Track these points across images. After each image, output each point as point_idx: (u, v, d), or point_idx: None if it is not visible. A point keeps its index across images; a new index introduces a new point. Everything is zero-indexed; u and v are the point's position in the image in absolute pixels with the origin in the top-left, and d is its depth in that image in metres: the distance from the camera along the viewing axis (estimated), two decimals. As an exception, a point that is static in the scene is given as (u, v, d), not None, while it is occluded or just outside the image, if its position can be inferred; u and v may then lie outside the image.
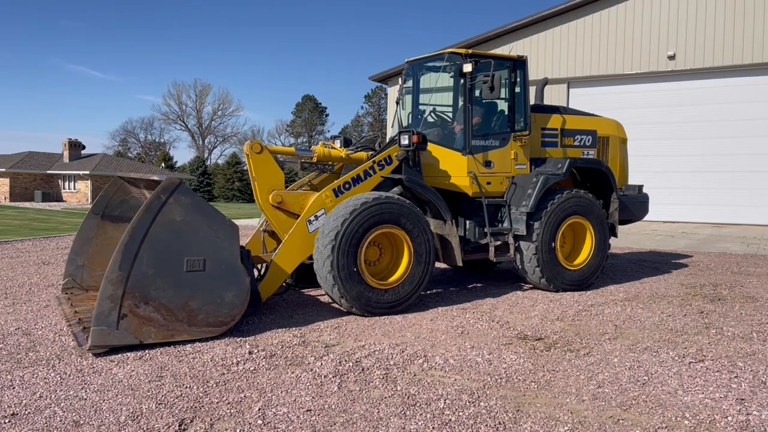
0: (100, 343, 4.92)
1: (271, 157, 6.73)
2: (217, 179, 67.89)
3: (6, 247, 12.61)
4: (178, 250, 5.19)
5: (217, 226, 5.40)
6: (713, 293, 7.77)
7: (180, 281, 5.20)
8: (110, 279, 4.92)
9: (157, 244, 5.08)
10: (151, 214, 5.06)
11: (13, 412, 3.84)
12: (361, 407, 4.01)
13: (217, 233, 5.39)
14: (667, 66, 19.30)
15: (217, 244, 5.38)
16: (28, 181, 49.46)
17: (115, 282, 4.92)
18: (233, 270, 5.45)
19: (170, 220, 5.15)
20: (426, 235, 6.74)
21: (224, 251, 5.42)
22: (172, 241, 5.16)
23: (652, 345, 5.43)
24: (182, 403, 4.02)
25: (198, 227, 5.29)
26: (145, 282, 5.04)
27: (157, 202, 5.09)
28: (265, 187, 6.65)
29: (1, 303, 6.98)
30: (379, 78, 23.98)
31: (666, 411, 3.96)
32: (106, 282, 4.91)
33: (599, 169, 8.34)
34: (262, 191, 6.64)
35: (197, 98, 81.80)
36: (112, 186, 7.07)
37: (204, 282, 5.30)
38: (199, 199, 5.41)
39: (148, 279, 5.05)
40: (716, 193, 18.80)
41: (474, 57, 7.35)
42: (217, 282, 5.36)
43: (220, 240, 5.40)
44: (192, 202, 5.29)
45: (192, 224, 5.25)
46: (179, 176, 57.70)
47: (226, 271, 5.41)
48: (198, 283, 5.27)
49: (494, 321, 6.28)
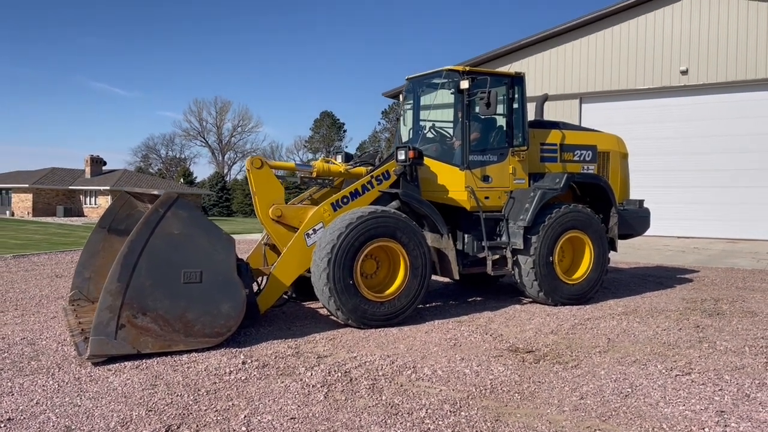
0: (99, 353, 5.08)
1: (271, 172, 6.90)
2: (236, 194, 68.64)
3: (23, 261, 12.95)
4: (175, 262, 5.36)
5: (214, 239, 5.57)
6: (713, 308, 7.75)
7: (177, 293, 5.36)
8: (109, 290, 5.09)
9: (155, 257, 5.25)
10: (150, 227, 5.24)
11: (9, 417, 4.01)
12: (344, 416, 4.11)
13: (214, 246, 5.55)
14: (680, 81, 19.26)
15: (213, 256, 5.54)
16: (51, 197, 50.49)
17: (113, 293, 5.10)
18: (229, 282, 5.60)
19: (168, 233, 5.32)
20: (422, 248, 6.84)
21: (221, 264, 5.57)
22: (169, 253, 5.33)
23: (642, 358, 5.47)
24: (171, 410, 4.16)
25: (195, 240, 5.45)
26: (143, 293, 5.20)
27: (156, 215, 5.27)
28: (266, 202, 6.82)
29: (11, 314, 7.22)
30: (391, 94, 24.22)
31: (644, 422, 4.01)
32: (105, 293, 5.09)
33: (598, 183, 8.40)
34: (263, 205, 6.81)
35: (217, 115, 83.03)
36: (119, 200, 7.30)
37: (201, 294, 5.45)
38: (196, 212, 5.59)
39: (146, 290, 5.22)
40: (731, 208, 18.62)
41: (471, 74, 7.49)
42: (214, 294, 5.51)
43: (217, 253, 5.56)
44: (189, 215, 5.47)
45: (189, 237, 5.42)
46: (199, 191, 58.49)
47: (222, 283, 5.56)
48: (195, 295, 5.43)
49: (488, 334, 6.35)
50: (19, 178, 51.55)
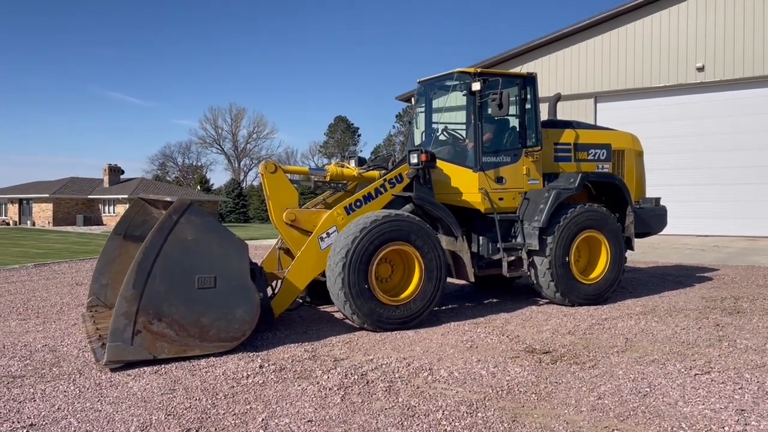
0: (116, 358, 5.15)
1: (285, 177, 6.95)
2: (252, 201, 69.03)
3: (44, 269, 13.15)
4: (189, 267, 5.41)
5: (227, 245, 5.61)
6: (733, 306, 7.66)
7: (192, 298, 5.41)
8: (125, 296, 5.16)
9: (169, 263, 5.31)
10: (164, 234, 5.29)
11: (31, 423, 4.08)
12: (360, 418, 4.13)
13: (227, 251, 5.60)
14: (696, 78, 19.07)
15: (227, 261, 5.58)
16: (70, 206, 51.16)
17: (129, 299, 5.16)
18: (243, 287, 5.65)
19: (182, 239, 5.38)
20: (437, 251, 6.84)
21: (234, 269, 5.62)
22: (183, 259, 5.38)
23: (660, 357, 5.42)
24: (190, 414, 4.20)
25: (209, 246, 5.50)
26: (158, 299, 5.26)
27: (169, 221, 5.32)
28: (279, 206, 6.87)
29: (32, 321, 7.33)
30: (404, 98, 24.26)
31: (663, 422, 3.98)
32: (121, 299, 5.16)
33: (613, 182, 8.34)
34: (276, 209, 6.86)
35: (233, 122, 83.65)
36: (134, 207, 7.38)
37: (215, 299, 5.50)
38: (209, 218, 5.64)
39: (161, 296, 5.27)
40: (752, 206, 18.36)
41: (482, 75, 7.49)
42: (228, 298, 5.55)
43: (231, 258, 5.61)
44: (203, 221, 5.52)
45: (203, 243, 5.47)
46: (216, 198, 58.91)
47: (236, 287, 5.60)
48: (209, 300, 5.47)
49: (504, 335, 6.33)
50: (39, 188, 52.35)
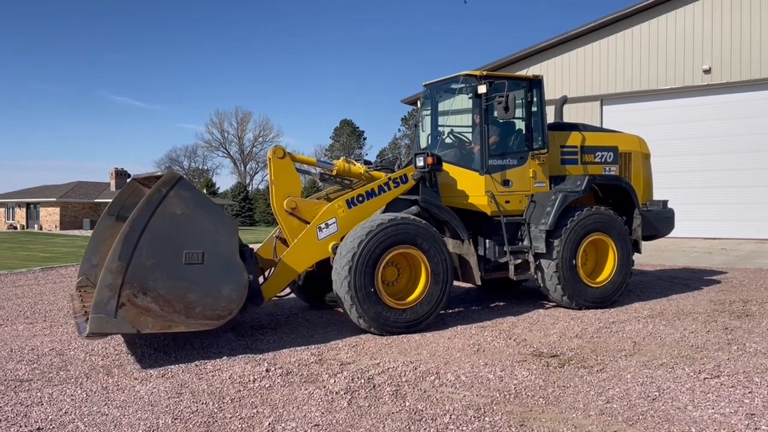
0: (98, 331, 5.03)
1: (292, 164, 6.96)
2: (258, 204, 69.18)
3: (51, 273, 13.19)
4: (177, 242, 5.31)
5: (216, 221, 5.52)
6: (742, 309, 7.61)
7: (178, 273, 5.30)
8: (110, 268, 5.04)
9: (156, 236, 5.21)
10: (152, 207, 5.21)
11: (38, 427, 4.08)
12: (367, 422, 4.11)
13: (216, 228, 5.51)
14: (702, 80, 19.00)
15: (216, 238, 5.49)
16: (77, 210, 51.36)
17: (114, 271, 5.04)
18: (232, 265, 5.55)
19: (170, 213, 5.28)
20: (443, 254, 6.82)
21: (223, 246, 5.53)
22: (171, 233, 5.28)
23: (669, 361, 5.38)
24: (197, 418, 4.20)
25: (198, 221, 5.41)
26: (144, 272, 5.15)
27: (158, 195, 5.25)
28: (282, 192, 6.87)
29: (39, 325, 7.35)
30: (410, 101, 24.29)
31: (672, 426, 3.95)
32: (106, 271, 5.04)
33: (620, 185, 8.31)
34: (279, 196, 6.86)
35: (239, 126, 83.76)
36: (128, 188, 7.27)
37: (202, 275, 5.39)
38: (199, 193, 5.56)
39: (146, 270, 5.16)
40: (759, 208, 18.24)
41: (488, 78, 7.47)
42: (215, 276, 5.46)
43: (220, 234, 5.52)
44: (192, 195, 5.43)
45: (192, 218, 5.38)
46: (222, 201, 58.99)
47: (224, 265, 5.51)
48: (196, 276, 5.37)
49: (512, 339, 6.31)
50: (47, 192, 52.59)
